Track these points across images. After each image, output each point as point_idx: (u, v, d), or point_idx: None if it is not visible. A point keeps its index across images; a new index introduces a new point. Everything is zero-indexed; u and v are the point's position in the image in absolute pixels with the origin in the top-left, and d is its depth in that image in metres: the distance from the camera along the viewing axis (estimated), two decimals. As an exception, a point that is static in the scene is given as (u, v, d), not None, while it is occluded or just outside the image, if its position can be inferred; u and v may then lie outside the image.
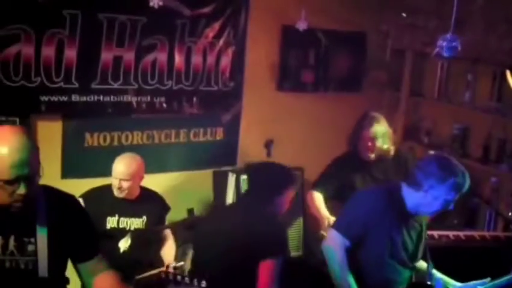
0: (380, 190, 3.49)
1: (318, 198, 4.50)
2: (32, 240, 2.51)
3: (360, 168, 4.51)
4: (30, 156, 2.38)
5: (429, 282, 3.51)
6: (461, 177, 3.22)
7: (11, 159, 2.33)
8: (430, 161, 3.34)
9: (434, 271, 3.59)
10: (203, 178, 5.11)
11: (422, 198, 3.27)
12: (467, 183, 3.24)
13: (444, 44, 3.43)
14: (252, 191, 3.51)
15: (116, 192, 4.12)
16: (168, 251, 4.21)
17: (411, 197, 3.32)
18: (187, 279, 2.94)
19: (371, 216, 3.30)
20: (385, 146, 4.46)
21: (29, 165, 2.37)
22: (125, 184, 4.08)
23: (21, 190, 2.38)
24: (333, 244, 3.34)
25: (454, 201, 3.27)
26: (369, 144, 4.44)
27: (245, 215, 3.34)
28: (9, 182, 2.36)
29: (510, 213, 4.71)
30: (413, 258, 3.47)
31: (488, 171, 5.27)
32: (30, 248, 2.51)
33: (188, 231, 4.22)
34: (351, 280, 3.29)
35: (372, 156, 4.46)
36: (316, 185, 4.60)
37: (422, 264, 3.63)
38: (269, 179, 3.45)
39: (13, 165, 2.34)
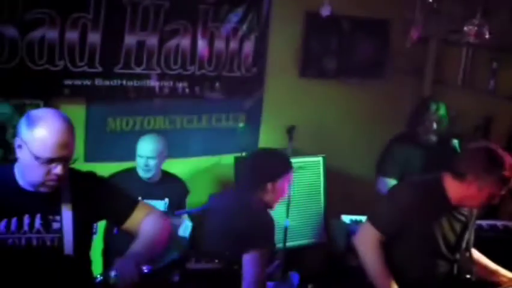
0: (419, 183, 3.37)
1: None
2: (58, 218, 2.56)
3: (419, 151, 4.64)
4: (72, 139, 2.49)
5: (468, 276, 3.37)
6: (508, 170, 3.07)
7: (57, 139, 2.42)
8: (477, 151, 3.20)
9: (481, 259, 3.48)
10: (224, 163, 5.11)
11: (466, 190, 3.14)
12: None
13: (472, 29, 3.34)
14: (242, 179, 3.46)
15: (142, 173, 4.17)
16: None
17: (454, 188, 3.18)
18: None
19: (409, 211, 3.18)
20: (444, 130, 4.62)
21: (69, 147, 2.48)
22: (151, 162, 4.14)
23: (58, 170, 2.46)
24: (368, 237, 3.26)
25: (500, 194, 3.14)
26: (433, 126, 4.59)
27: (231, 205, 3.30)
28: (49, 161, 2.43)
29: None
30: (455, 251, 3.33)
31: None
32: (56, 225, 2.55)
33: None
34: (389, 275, 3.20)
35: (434, 139, 4.60)
36: (383, 171, 4.70)
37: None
38: (261, 165, 3.37)
39: (57, 145, 2.42)
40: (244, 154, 4.79)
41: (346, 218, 4.65)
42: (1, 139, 4.17)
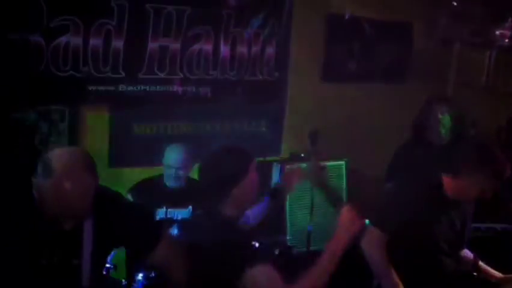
0: (419, 182, 3.43)
1: None
2: (76, 261, 2.57)
3: (429, 154, 4.52)
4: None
5: (475, 274, 3.48)
6: (500, 165, 3.19)
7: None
8: (470, 148, 3.34)
9: (480, 263, 3.54)
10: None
11: (461, 185, 3.25)
12: (507, 171, 3.19)
13: (505, 33, 3.38)
14: (204, 193, 2.82)
15: (171, 182, 4.17)
16: None
17: (450, 185, 3.29)
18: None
19: (410, 209, 3.26)
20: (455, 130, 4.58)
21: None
22: (181, 172, 4.13)
23: None
24: (373, 242, 3.29)
25: (492, 189, 3.23)
26: (443, 124, 4.54)
27: (200, 228, 2.80)
28: None
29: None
30: (456, 247, 3.44)
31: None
32: (75, 262, 2.57)
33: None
34: (395, 277, 3.26)
35: (445, 139, 4.53)
36: (390, 179, 4.58)
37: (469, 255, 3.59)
38: (217, 172, 2.72)
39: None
40: (266, 159, 4.80)
41: (368, 222, 4.62)
42: (29, 144, 4.22)
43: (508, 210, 4.80)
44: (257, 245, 3.19)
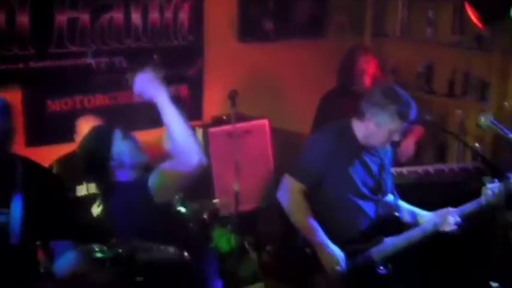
0: (331, 129, 3.50)
1: None
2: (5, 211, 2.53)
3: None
4: None
5: (396, 214, 3.54)
6: (403, 105, 3.24)
7: None
8: (374, 90, 3.39)
9: (401, 203, 3.61)
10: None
11: (367, 128, 3.31)
12: (412, 112, 3.26)
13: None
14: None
15: None
16: None
17: (359, 129, 3.35)
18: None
19: (325, 157, 3.31)
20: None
21: None
22: None
23: None
24: (289, 189, 3.34)
25: (400, 131, 3.29)
26: (366, 71, 4.70)
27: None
28: None
29: (477, 144, 4.75)
30: (376, 191, 3.48)
31: (454, 105, 5.34)
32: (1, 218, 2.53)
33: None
34: (314, 223, 3.29)
35: (368, 85, 4.65)
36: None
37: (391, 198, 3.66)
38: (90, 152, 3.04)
39: None
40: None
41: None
42: None
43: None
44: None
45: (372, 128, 3.29)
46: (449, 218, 3.35)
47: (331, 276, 3.26)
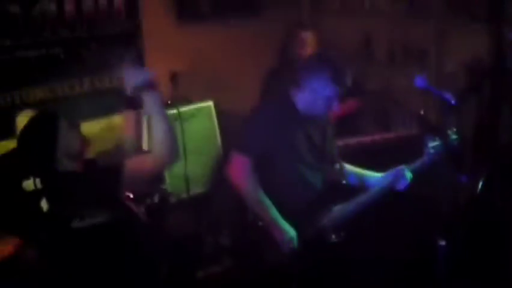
0: (272, 102, 3.51)
1: None
2: None
3: None
4: None
5: (344, 182, 3.56)
6: (337, 70, 3.24)
7: None
8: (308, 59, 3.42)
9: (349, 168, 3.63)
10: (118, 123, 4.97)
11: (304, 97, 3.31)
12: (346, 77, 3.25)
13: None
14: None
15: None
16: None
17: (298, 99, 3.34)
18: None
19: (268, 129, 3.30)
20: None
21: None
22: None
23: None
24: (240, 170, 3.30)
25: (336, 97, 3.29)
26: (306, 48, 4.70)
27: None
28: None
29: (422, 111, 4.82)
30: (322, 159, 3.49)
31: (396, 74, 5.40)
32: None
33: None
34: (264, 198, 3.29)
35: None
36: None
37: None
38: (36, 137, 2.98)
39: None
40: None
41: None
42: None
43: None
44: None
45: (309, 96, 3.29)
46: (406, 173, 3.39)
47: (284, 250, 3.27)
